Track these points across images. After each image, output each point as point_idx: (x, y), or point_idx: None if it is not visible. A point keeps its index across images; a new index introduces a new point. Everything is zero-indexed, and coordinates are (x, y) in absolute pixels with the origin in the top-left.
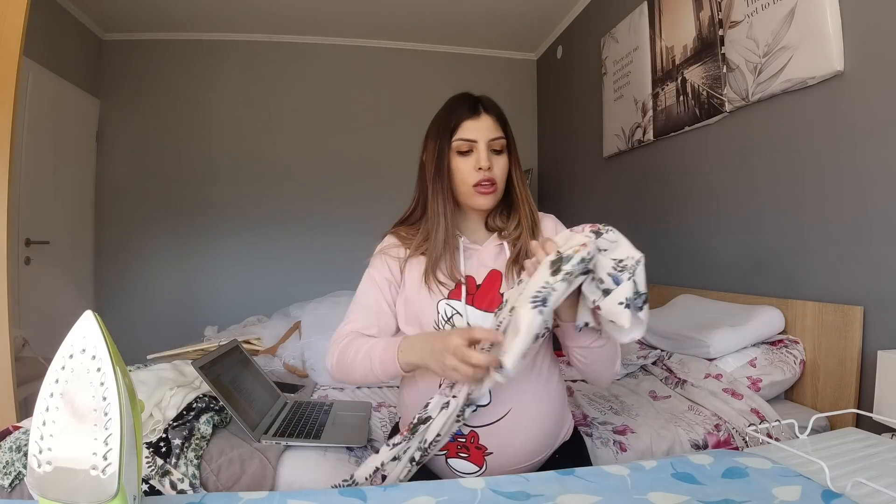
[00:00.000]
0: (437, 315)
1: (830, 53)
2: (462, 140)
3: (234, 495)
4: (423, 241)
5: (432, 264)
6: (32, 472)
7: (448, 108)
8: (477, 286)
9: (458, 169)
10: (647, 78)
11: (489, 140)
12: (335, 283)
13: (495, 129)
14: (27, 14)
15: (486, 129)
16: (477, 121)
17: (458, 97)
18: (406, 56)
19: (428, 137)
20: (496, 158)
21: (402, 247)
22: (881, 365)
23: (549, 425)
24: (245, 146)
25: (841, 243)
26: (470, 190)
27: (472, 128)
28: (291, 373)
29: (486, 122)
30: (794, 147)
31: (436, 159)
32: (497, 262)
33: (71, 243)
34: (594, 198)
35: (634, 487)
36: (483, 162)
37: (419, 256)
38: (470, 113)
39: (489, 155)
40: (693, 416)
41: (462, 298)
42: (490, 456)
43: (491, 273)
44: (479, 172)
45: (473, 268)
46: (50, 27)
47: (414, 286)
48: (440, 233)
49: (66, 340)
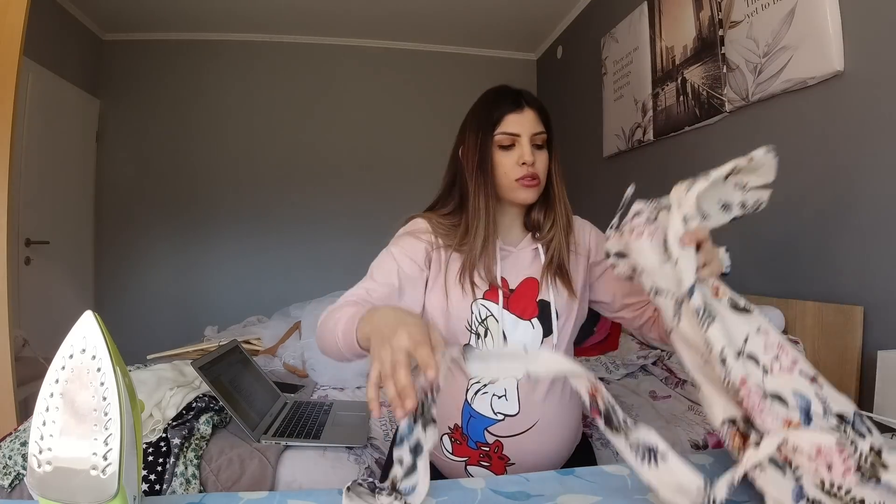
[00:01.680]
0: (471, 315)
1: (830, 53)
2: (505, 134)
3: (233, 495)
4: (462, 238)
5: (470, 264)
6: (32, 472)
7: (489, 101)
8: (511, 290)
9: (500, 163)
10: (647, 78)
11: (532, 134)
12: (335, 283)
13: (538, 123)
14: (27, 14)
15: (529, 122)
16: (520, 114)
17: (498, 90)
18: (406, 56)
19: (467, 131)
20: (538, 153)
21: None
22: (881, 365)
23: (569, 434)
24: (245, 146)
25: (841, 243)
26: (513, 184)
27: (516, 121)
28: (291, 373)
29: (529, 116)
30: (794, 147)
31: (478, 153)
32: (532, 269)
33: (71, 243)
34: (594, 198)
35: (634, 487)
36: (527, 156)
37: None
38: (513, 106)
39: (532, 150)
40: (693, 416)
41: (499, 301)
42: (511, 466)
43: (526, 280)
44: (523, 167)
45: (507, 270)
46: (50, 27)
47: (451, 281)
48: (480, 231)
49: (66, 340)
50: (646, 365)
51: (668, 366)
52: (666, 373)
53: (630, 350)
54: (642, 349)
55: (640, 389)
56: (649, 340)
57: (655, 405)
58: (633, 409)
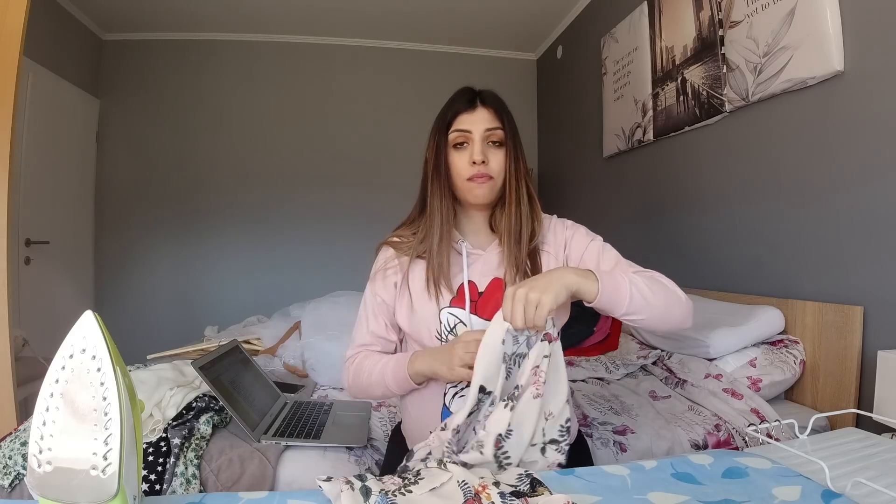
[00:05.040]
0: (440, 325)
1: (830, 53)
2: (457, 131)
3: (233, 495)
4: (421, 243)
5: (434, 270)
6: (32, 472)
7: (447, 103)
8: (479, 293)
9: (453, 163)
10: (647, 78)
11: (484, 131)
12: (335, 283)
13: (492, 120)
14: (27, 14)
15: (481, 120)
16: (472, 113)
17: (458, 91)
18: (406, 56)
19: (430, 134)
20: (493, 152)
21: (400, 256)
22: (881, 365)
23: None
24: (245, 146)
25: (841, 243)
26: (465, 184)
27: (467, 119)
28: (291, 373)
29: (482, 114)
30: (794, 147)
31: (434, 155)
32: (500, 270)
33: (71, 243)
34: (594, 198)
35: (634, 487)
36: (476, 155)
37: (419, 260)
38: (466, 105)
39: (484, 147)
40: (693, 416)
41: (466, 307)
42: None
43: (493, 281)
44: (473, 167)
45: (476, 274)
46: (50, 27)
47: (417, 293)
48: (435, 231)
49: (66, 340)
50: (646, 365)
51: (668, 366)
52: (666, 373)
53: (630, 350)
54: (642, 349)
55: (640, 389)
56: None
57: (655, 405)
58: (633, 408)
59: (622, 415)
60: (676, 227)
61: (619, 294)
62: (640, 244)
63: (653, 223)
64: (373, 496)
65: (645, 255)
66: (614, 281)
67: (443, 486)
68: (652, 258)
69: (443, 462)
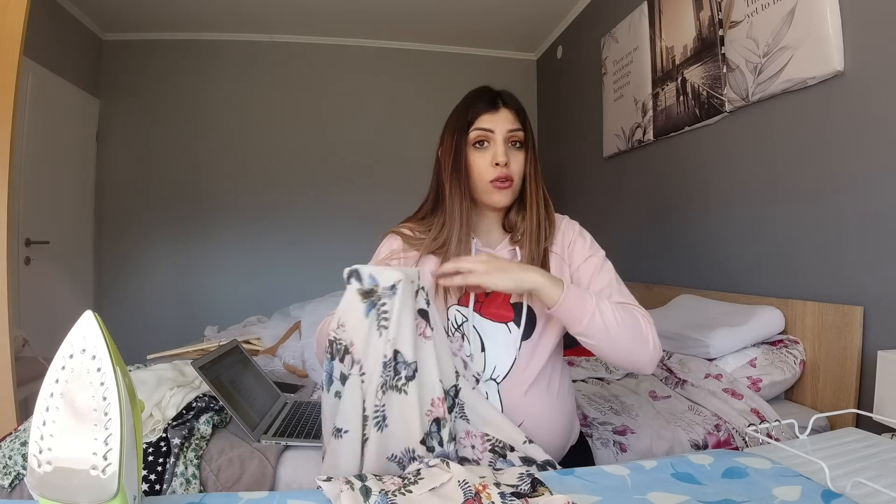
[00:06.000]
0: (448, 322)
1: (830, 53)
2: (479, 130)
3: (233, 495)
4: (435, 240)
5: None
6: (32, 472)
7: (466, 102)
8: (486, 294)
9: (474, 164)
10: (647, 78)
11: (506, 132)
12: (335, 283)
13: (513, 121)
14: (27, 14)
15: (503, 121)
16: (495, 114)
17: (476, 91)
18: (406, 56)
19: (445, 132)
20: (514, 154)
21: (408, 250)
22: (881, 365)
23: (559, 435)
24: (245, 146)
25: (841, 243)
26: (486, 186)
27: (490, 120)
28: (291, 373)
29: (505, 115)
30: (794, 147)
31: (453, 154)
32: None
33: (71, 243)
34: (594, 198)
35: (634, 487)
36: (500, 157)
37: (430, 256)
38: (488, 106)
39: (506, 149)
40: (693, 416)
41: (470, 305)
42: None
43: None
44: (496, 168)
45: None
46: (50, 27)
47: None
48: (455, 234)
49: (66, 340)
50: None
51: (668, 366)
52: (666, 373)
53: None
54: None
55: (640, 389)
56: None
57: (655, 405)
58: (633, 408)
59: (622, 415)
60: (676, 227)
61: (581, 311)
62: (641, 244)
63: (653, 223)
64: (373, 496)
65: (645, 256)
66: (581, 298)
67: (443, 486)
68: (652, 258)
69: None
